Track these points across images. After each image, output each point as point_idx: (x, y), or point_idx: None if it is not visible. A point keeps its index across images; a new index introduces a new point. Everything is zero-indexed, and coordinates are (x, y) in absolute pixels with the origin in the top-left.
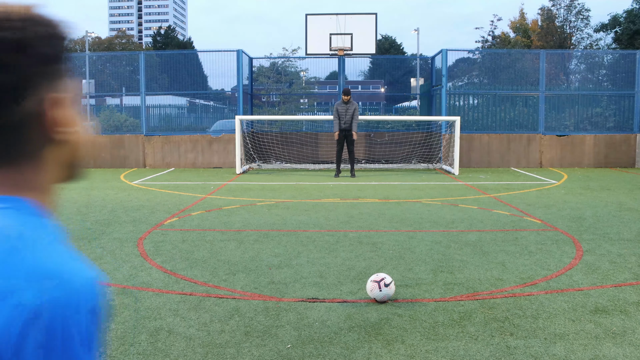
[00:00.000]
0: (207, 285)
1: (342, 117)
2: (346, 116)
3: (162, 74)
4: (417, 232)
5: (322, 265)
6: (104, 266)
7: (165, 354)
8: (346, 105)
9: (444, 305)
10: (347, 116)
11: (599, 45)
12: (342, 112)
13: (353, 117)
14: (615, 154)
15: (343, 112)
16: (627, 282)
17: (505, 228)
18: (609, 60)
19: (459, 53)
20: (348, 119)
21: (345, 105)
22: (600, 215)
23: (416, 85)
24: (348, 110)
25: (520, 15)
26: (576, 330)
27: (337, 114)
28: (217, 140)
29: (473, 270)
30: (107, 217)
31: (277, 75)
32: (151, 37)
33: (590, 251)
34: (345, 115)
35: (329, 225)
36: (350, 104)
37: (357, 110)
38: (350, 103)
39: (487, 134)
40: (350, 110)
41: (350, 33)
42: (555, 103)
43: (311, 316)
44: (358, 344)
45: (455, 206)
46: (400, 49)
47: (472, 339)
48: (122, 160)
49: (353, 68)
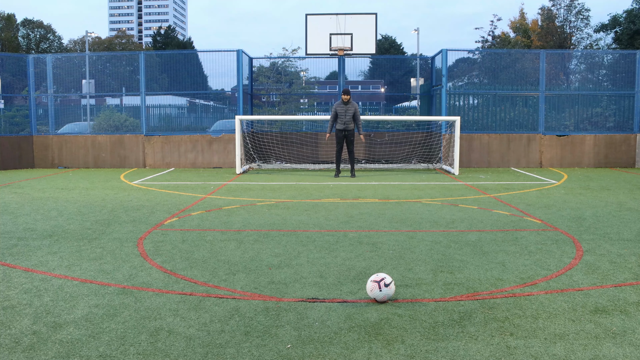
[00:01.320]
0: (207, 285)
1: (341, 117)
2: (346, 117)
3: (162, 74)
4: (417, 232)
5: (322, 265)
6: (104, 266)
7: (165, 354)
8: (346, 106)
9: (444, 305)
10: (346, 117)
11: (599, 45)
12: (342, 113)
13: (355, 118)
14: (615, 154)
15: (342, 113)
16: (627, 282)
17: (505, 228)
18: (609, 60)
19: (459, 53)
20: (348, 120)
21: (344, 106)
22: (600, 215)
23: (416, 85)
24: (348, 111)
25: (520, 15)
26: (576, 330)
27: (334, 114)
28: (217, 140)
29: (473, 270)
30: (107, 217)
31: (277, 75)
32: (151, 37)
33: (590, 251)
34: (345, 115)
35: (329, 225)
36: (350, 105)
37: (358, 110)
38: (350, 103)
39: (487, 134)
40: (351, 111)
41: (350, 33)
42: (555, 103)
43: (311, 316)
44: (358, 344)
45: (455, 206)
46: (400, 49)
47: (472, 339)
48: (122, 160)
49: (353, 68)
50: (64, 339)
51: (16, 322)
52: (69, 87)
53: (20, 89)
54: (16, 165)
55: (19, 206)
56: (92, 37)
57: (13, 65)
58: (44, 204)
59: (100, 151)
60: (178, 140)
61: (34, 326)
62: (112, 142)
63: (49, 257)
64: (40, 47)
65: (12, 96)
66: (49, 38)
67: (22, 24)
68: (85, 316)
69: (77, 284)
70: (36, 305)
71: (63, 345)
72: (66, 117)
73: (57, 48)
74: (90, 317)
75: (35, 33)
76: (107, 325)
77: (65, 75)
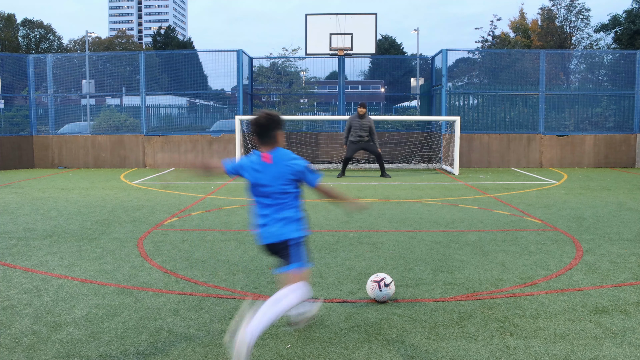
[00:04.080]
0: (207, 285)
1: (355, 130)
2: (361, 130)
3: (162, 74)
4: (417, 232)
5: (322, 265)
6: (104, 266)
7: (165, 354)
8: (361, 120)
9: (444, 305)
10: (361, 130)
11: (599, 45)
12: (357, 126)
13: (370, 133)
14: (615, 154)
15: (357, 126)
16: (627, 282)
17: (505, 228)
18: (609, 60)
19: (459, 53)
20: (364, 133)
21: (359, 120)
22: (600, 215)
23: (416, 85)
24: (363, 125)
25: (520, 15)
26: (576, 330)
27: (348, 127)
28: (217, 140)
29: (473, 270)
30: (107, 217)
31: (277, 75)
32: (151, 37)
33: (590, 251)
34: (360, 129)
35: (329, 225)
36: (365, 119)
37: (373, 126)
38: (365, 118)
39: (487, 134)
40: (366, 125)
41: (350, 33)
42: (555, 103)
43: None
44: (358, 344)
45: (455, 206)
46: (400, 49)
47: (472, 339)
48: (122, 160)
49: (353, 68)
50: (64, 339)
51: (16, 322)
52: (69, 87)
53: (20, 89)
54: (16, 165)
55: (19, 206)
56: (92, 37)
57: (13, 65)
58: (44, 204)
59: (100, 151)
60: (178, 141)
61: (34, 326)
62: (112, 142)
63: (49, 257)
64: (40, 47)
65: (12, 96)
66: (49, 38)
67: (22, 24)
68: (85, 316)
69: (77, 284)
70: (36, 305)
71: (63, 345)
72: (66, 117)
73: (57, 48)
74: (90, 317)
75: (35, 33)
76: (107, 325)
77: (65, 75)
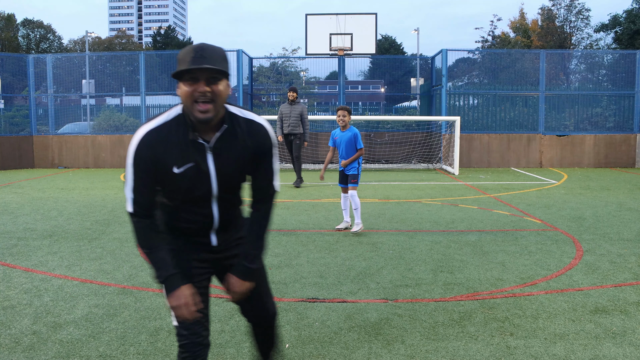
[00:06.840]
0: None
1: (285, 119)
2: (290, 118)
3: (162, 74)
4: (417, 232)
5: (322, 265)
6: (104, 266)
7: (165, 354)
8: (290, 107)
9: (444, 305)
10: (291, 118)
11: (599, 45)
12: (286, 114)
13: (302, 121)
14: (615, 154)
15: (287, 114)
16: (627, 282)
17: (505, 228)
18: (609, 60)
19: (459, 53)
20: (293, 122)
21: (289, 107)
22: (600, 215)
23: (416, 85)
24: (292, 112)
25: (520, 15)
26: (576, 330)
27: (280, 117)
28: None
29: (473, 270)
30: (107, 217)
31: (277, 75)
32: (151, 37)
33: (590, 251)
34: (290, 117)
35: (329, 225)
36: (295, 105)
37: (305, 113)
38: (296, 103)
39: (487, 134)
40: (296, 112)
41: (350, 33)
42: (555, 103)
43: (311, 316)
44: (358, 344)
45: (455, 206)
46: (400, 49)
47: (472, 339)
48: (122, 160)
49: (353, 68)
50: (64, 339)
51: (16, 322)
52: (69, 87)
53: (20, 89)
54: (16, 165)
55: (19, 206)
56: (92, 37)
57: (13, 65)
58: (44, 204)
59: (100, 151)
60: None
61: (34, 326)
62: (112, 142)
63: (49, 257)
64: (40, 47)
65: (12, 96)
66: (49, 38)
67: (22, 24)
68: (85, 316)
69: (77, 284)
70: (36, 305)
71: (63, 345)
72: (66, 117)
73: (57, 48)
74: (90, 317)
75: (35, 33)
76: (107, 325)
77: (65, 75)
